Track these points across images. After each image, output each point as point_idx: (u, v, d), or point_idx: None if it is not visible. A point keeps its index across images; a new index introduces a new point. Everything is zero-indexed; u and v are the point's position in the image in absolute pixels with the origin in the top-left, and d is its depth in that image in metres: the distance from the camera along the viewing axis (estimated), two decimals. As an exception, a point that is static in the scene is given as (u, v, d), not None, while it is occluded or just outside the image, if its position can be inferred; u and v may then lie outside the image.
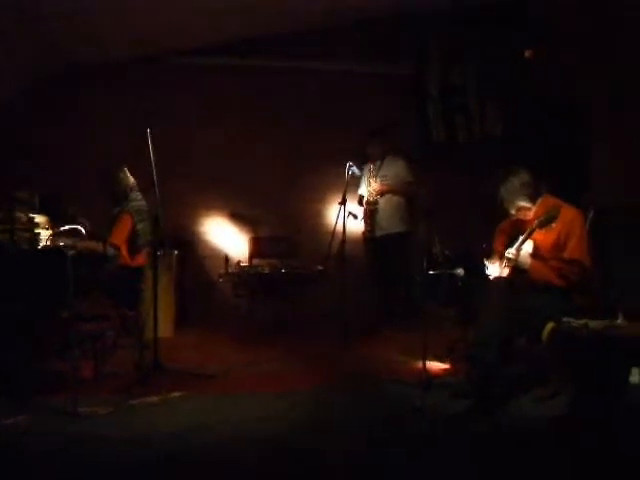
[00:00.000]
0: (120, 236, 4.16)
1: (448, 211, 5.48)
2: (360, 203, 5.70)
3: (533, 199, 3.48)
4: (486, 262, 3.63)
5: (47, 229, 3.93)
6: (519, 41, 6.03)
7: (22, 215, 3.76)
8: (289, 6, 5.34)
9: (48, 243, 3.83)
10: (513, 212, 3.55)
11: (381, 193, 5.53)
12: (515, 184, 3.46)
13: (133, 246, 4.24)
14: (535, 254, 3.37)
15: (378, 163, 5.63)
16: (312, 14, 5.59)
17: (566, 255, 3.31)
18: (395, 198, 5.55)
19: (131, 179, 4.41)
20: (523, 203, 3.48)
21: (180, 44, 5.85)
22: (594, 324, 2.99)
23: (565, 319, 3.10)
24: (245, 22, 5.52)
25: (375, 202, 5.54)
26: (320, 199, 6.21)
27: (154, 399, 3.40)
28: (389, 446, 2.79)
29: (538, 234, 3.34)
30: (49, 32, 4.84)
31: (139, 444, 2.78)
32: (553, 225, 3.24)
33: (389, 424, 3.08)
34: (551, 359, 3.26)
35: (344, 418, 3.20)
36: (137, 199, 4.33)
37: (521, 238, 3.36)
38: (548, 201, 3.47)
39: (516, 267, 3.39)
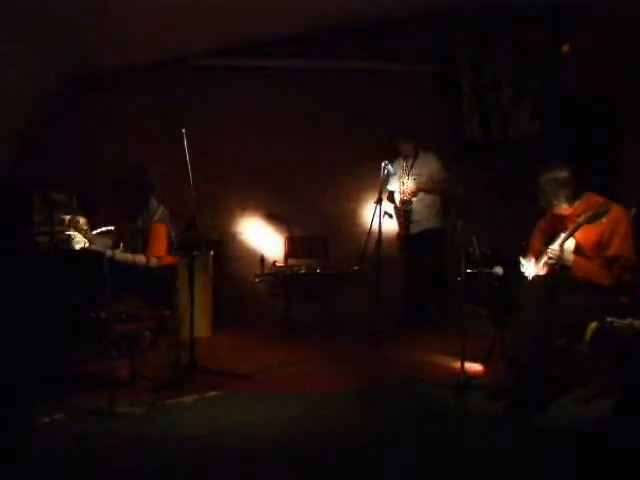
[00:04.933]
0: (162, 247, 4.17)
1: (484, 209, 5.41)
2: (390, 199, 5.66)
3: (569, 198, 3.38)
4: (522, 260, 3.55)
5: (85, 231, 3.98)
6: (553, 37, 5.91)
7: (60, 217, 3.82)
8: (318, 5, 5.31)
9: (86, 245, 3.89)
10: (547, 206, 3.47)
11: (415, 193, 5.48)
12: (554, 179, 3.37)
13: (170, 250, 4.27)
14: (577, 251, 3.27)
15: (411, 161, 5.58)
16: (342, 13, 5.55)
17: (610, 252, 3.20)
18: (429, 195, 5.50)
19: (152, 182, 4.35)
20: (558, 201, 3.39)
21: (209, 45, 5.86)
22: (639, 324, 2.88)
23: (608, 319, 2.99)
24: (275, 22, 5.51)
25: (409, 202, 5.50)
26: (355, 198, 6.16)
27: (190, 399, 3.42)
28: (424, 447, 2.75)
29: (580, 232, 3.24)
30: (79, 36, 4.92)
31: (175, 444, 2.80)
32: (603, 220, 3.14)
33: (425, 425, 3.03)
34: (594, 360, 3.16)
35: (379, 418, 3.16)
36: (156, 205, 4.28)
37: (563, 235, 3.26)
38: (592, 199, 3.37)
39: (558, 264, 3.29)
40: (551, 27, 5.89)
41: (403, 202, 5.53)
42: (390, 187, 5.65)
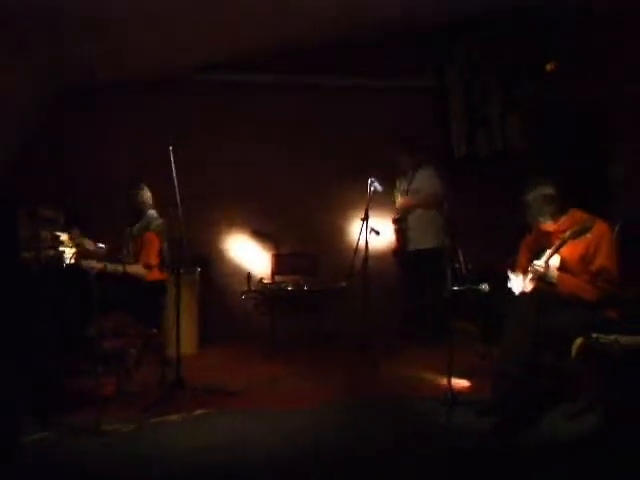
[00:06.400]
0: (154, 257, 4.21)
1: (472, 225, 5.45)
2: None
3: (554, 215, 3.44)
4: (510, 274, 3.59)
5: (72, 247, 3.96)
6: (540, 53, 6.00)
7: (47, 233, 3.80)
8: (310, 22, 5.36)
9: (72, 261, 3.87)
10: (533, 222, 3.53)
11: (408, 209, 5.45)
12: (540, 196, 3.42)
13: (161, 265, 4.29)
14: (562, 268, 3.31)
15: (409, 175, 5.53)
16: (336, 28, 5.59)
17: (594, 267, 3.24)
18: (429, 212, 5.34)
19: (149, 195, 4.43)
20: (544, 217, 3.44)
21: (200, 60, 5.89)
22: (625, 340, 2.91)
23: (594, 335, 3.02)
24: (271, 37, 5.56)
25: (404, 219, 5.47)
26: (342, 215, 6.18)
27: (176, 417, 3.38)
28: (414, 463, 2.74)
29: (565, 248, 3.29)
30: (69, 47, 4.90)
31: (160, 461, 2.77)
32: (588, 235, 3.19)
33: (413, 441, 3.03)
34: (580, 375, 3.18)
35: (368, 435, 3.15)
36: (155, 217, 4.35)
37: (549, 251, 3.31)
38: (577, 215, 3.42)
39: (544, 280, 3.33)
40: (541, 41, 5.97)
41: (395, 220, 5.51)
42: (397, 205, 5.63)
